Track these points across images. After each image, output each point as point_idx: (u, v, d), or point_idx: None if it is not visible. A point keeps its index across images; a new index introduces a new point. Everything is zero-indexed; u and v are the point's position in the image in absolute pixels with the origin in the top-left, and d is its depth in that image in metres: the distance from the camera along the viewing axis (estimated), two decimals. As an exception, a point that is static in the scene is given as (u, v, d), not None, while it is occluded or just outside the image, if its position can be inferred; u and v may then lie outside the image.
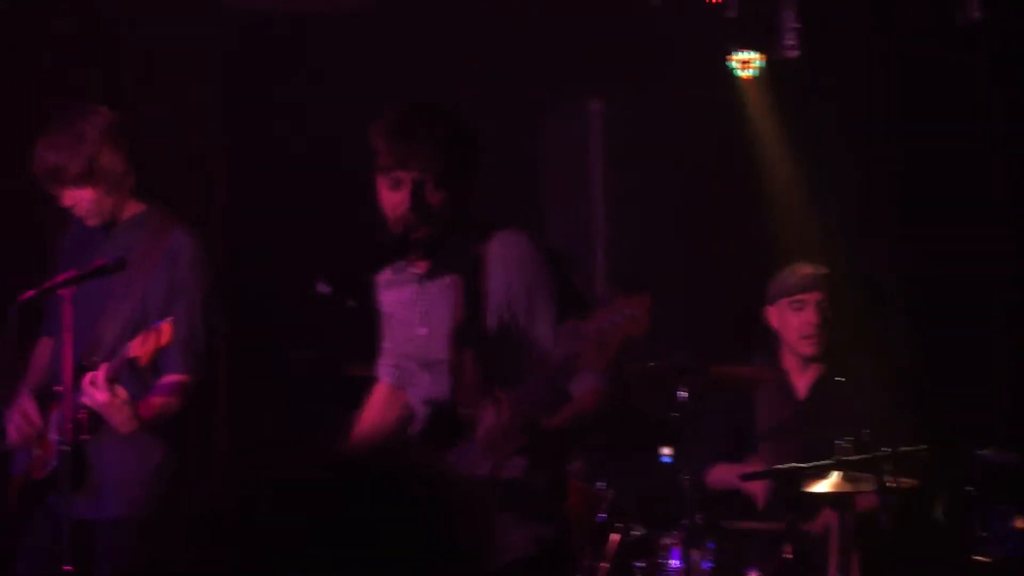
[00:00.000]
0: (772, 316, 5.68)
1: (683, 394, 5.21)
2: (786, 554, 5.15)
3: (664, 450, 5.66)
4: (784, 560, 5.16)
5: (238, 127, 6.69)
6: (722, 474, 5.54)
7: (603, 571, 5.44)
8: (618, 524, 5.48)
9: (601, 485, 5.61)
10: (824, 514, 5.24)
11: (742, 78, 6.81)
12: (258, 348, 6.41)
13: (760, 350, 5.78)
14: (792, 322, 5.61)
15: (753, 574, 5.19)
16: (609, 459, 5.80)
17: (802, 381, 5.65)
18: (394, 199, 3.83)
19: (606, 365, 3.51)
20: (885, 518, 4.85)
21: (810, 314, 5.57)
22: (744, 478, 5.36)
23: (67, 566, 4.27)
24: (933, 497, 5.24)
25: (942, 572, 5.56)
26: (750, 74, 6.78)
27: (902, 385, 5.79)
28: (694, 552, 5.17)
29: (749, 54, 6.75)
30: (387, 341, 4.14)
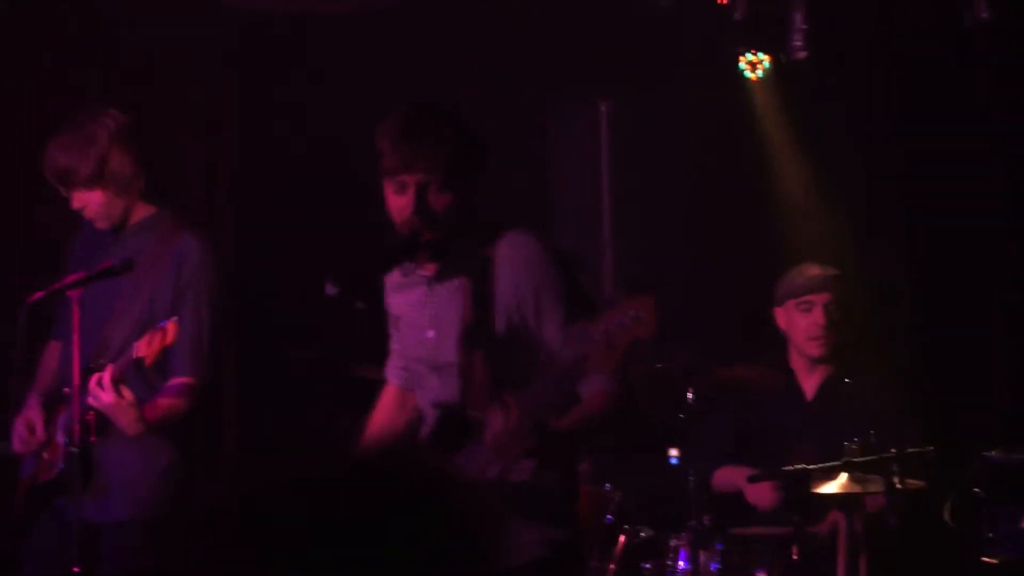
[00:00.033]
0: (780, 317, 5.67)
1: (692, 395, 5.21)
2: (793, 556, 5.15)
3: (672, 452, 5.66)
4: (792, 561, 5.15)
5: (241, 128, 6.69)
6: (727, 476, 5.53)
7: (611, 573, 5.45)
8: (625, 526, 5.49)
9: (608, 487, 5.61)
10: (832, 515, 5.23)
11: (750, 79, 6.80)
12: (266, 350, 6.41)
13: (767, 351, 5.77)
14: (800, 323, 5.60)
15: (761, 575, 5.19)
16: (617, 461, 5.80)
17: (810, 382, 5.64)
18: (400, 203, 3.81)
19: (614, 367, 3.50)
20: (893, 519, 4.83)
21: (818, 315, 5.56)
22: (751, 480, 5.35)
23: (76, 567, 4.28)
24: (941, 498, 5.23)
25: (950, 573, 5.56)
26: (758, 75, 6.78)
27: (910, 386, 5.78)
28: (702, 554, 5.17)
29: (757, 55, 6.74)
30: (396, 343, 4.14)
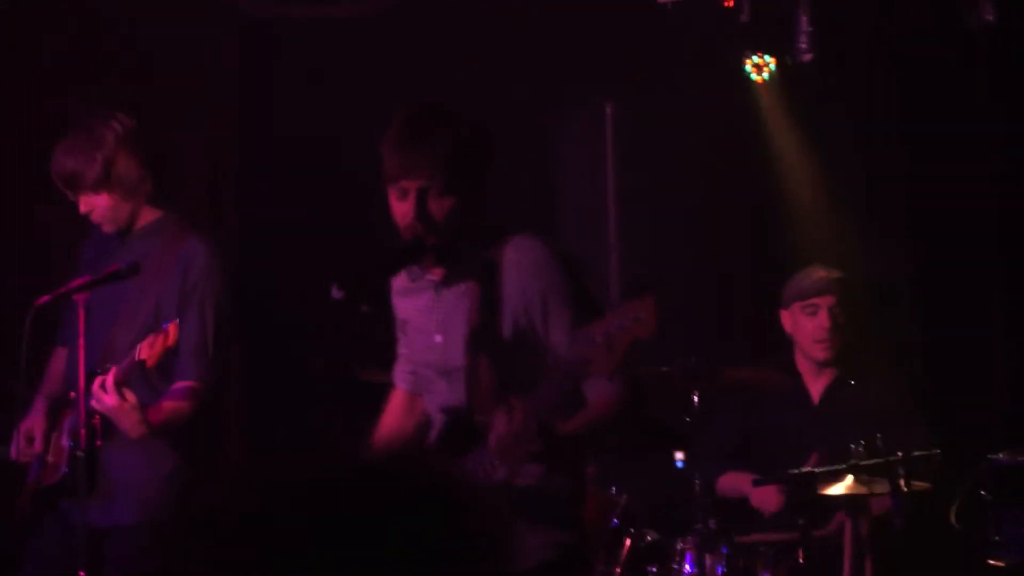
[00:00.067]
0: (785, 320, 5.67)
1: (698, 398, 5.21)
2: (799, 559, 5.14)
3: (678, 455, 5.65)
4: (797, 564, 5.15)
5: (242, 129, 6.68)
6: (732, 481, 5.53)
7: (617, 576, 5.44)
8: (631, 529, 5.48)
9: (614, 490, 5.60)
10: (838, 518, 5.23)
11: (755, 81, 6.80)
12: (272, 354, 6.41)
13: (773, 354, 5.76)
14: (805, 326, 5.59)
15: (766, 578, 5.19)
16: (622, 464, 5.79)
17: (815, 385, 5.64)
18: (402, 208, 3.79)
19: (614, 368, 3.50)
20: (899, 522, 4.83)
21: (823, 318, 5.55)
22: (756, 483, 5.35)
23: (81, 571, 4.28)
24: (947, 501, 5.22)
25: (956, 576, 5.56)
26: (764, 78, 6.77)
27: (915, 389, 5.78)
28: (708, 557, 5.17)
29: (763, 57, 6.74)
30: (404, 348, 4.13)
